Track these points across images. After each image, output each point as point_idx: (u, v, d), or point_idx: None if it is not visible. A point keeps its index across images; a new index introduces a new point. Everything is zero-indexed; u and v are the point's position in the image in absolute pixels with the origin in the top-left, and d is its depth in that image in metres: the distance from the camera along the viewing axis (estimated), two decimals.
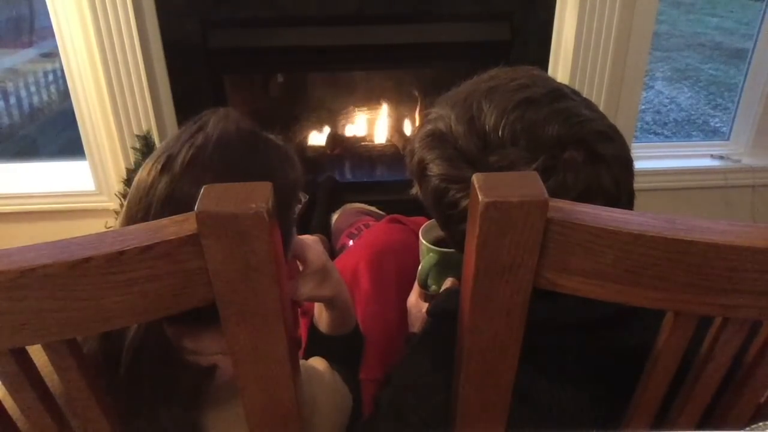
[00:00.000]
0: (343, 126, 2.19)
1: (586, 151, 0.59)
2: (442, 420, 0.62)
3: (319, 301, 0.83)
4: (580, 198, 0.58)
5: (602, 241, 0.45)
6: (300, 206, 0.73)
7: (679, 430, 0.58)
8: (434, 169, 0.64)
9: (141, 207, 0.61)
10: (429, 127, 0.67)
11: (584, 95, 0.66)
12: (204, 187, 0.45)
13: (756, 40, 1.93)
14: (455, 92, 0.68)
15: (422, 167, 0.66)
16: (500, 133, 0.60)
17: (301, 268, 0.79)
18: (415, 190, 0.72)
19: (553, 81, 0.66)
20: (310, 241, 0.79)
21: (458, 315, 0.55)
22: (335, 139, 2.17)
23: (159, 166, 0.62)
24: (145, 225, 0.46)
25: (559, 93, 0.63)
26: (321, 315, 0.85)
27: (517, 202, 0.44)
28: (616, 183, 0.60)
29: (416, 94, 2.12)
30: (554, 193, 0.49)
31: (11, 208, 1.88)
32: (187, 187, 0.60)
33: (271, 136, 0.71)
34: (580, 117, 0.61)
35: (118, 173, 1.78)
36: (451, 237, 0.67)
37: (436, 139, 0.65)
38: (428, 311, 0.78)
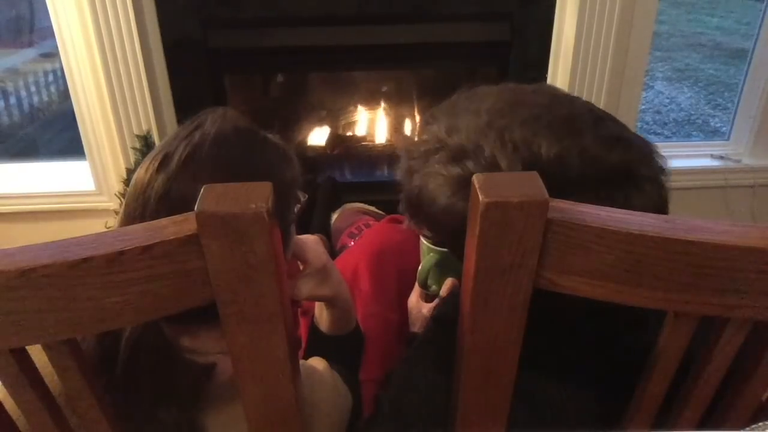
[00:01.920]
0: (343, 126, 2.19)
1: (639, 176, 0.57)
2: (442, 420, 0.62)
3: (319, 300, 0.83)
4: None
5: (602, 241, 0.45)
6: (299, 206, 0.73)
7: (679, 430, 0.58)
8: None
9: (138, 205, 0.61)
10: (457, 170, 0.57)
11: (584, 95, 0.65)
12: (204, 187, 0.45)
13: (756, 40, 1.93)
14: (470, 121, 0.59)
15: (464, 219, 0.52)
16: (562, 171, 0.54)
17: (301, 267, 0.79)
18: (410, 225, 0.66)
19: (576, 99, 0.62)
20: (311, 240, 0.79)
21: (458, 316, 0.55)
22: (335, 139, 2.17)
23: (156, 164, 0.62)
24: (145, 225, 0.46)
25: (595, 114, 0.59)
26: (322, 315, 0.86)
27: (517, 202, 0.44)
28: (661, 192, 0.59)
29: (416, 94, 2.12)
30: None
31: (11, 208, 1.88)
32: (183, 185, 0.60)
33: (270, 135, 0.71)
34: (626, 140, 0.58)
35: (118, 173, 1.78)
36: None
37: None
38: (432, 317, 0.78)
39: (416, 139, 0.65)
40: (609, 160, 0.56)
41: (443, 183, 0.58)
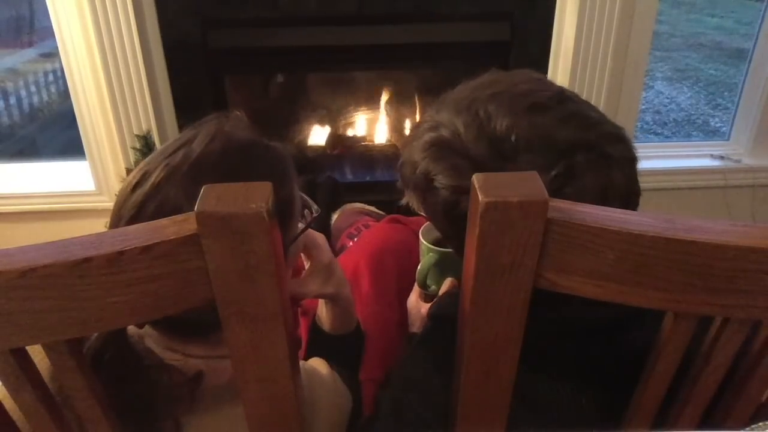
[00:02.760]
0: (343, 126, 2.19)
1: (600, 154, 0.58)
2: (442, 420, 0.62)
3: (324, 298, 0.83)
4: (599, 200, 0.57)
5: (602, 241, 0.45)
6: (313, 218, 0.72)
7: (679, 430, 0.58)
8: (443, 180, 0.62)
9: (115, 220, 0.60)
10: (430, 135, 0.64)
11: (584, 95, 0.66)
12: (204, 187, 0.45)
13: (756, 40, 1.93)
14: (452, 99, 0.65)
15: (428, 179, 0.63)
16: (513, 138, 0.58)
17: (306, 264, 0.79)
18: (407, 200, 0.70)
19: (553, 84, 0.66)
20: (320, 237, 0.79)
21: (458, 315, 0.55)
22: (335, 139, 2.17)
23: (134, 182, 0.60)
24: (145, 225, 0.46)
25: (564, 96, 0.63)
26: (323, 313, 0.86)
27: (517, 202, 0.44)
28: (628, 182, 0.60)
29: (416, 94, 2.12)
30: (573, 198, 0.50)
31: (11, 208, 1.88)
32: (151, 210, 0.58)
33: (272, 145, 0.67)
34: (591, 120, 0.61)
35: (118, 173, 1.78)
36: (460, 248, 0.66)
37: (442, 148, 0.62)
38: (429, 315, 0.78)
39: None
40: (561, 135, 0.58)
41: (419, 145, 0.65)
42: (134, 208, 0.59)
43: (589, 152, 0.58)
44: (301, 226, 0.70)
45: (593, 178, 0.58)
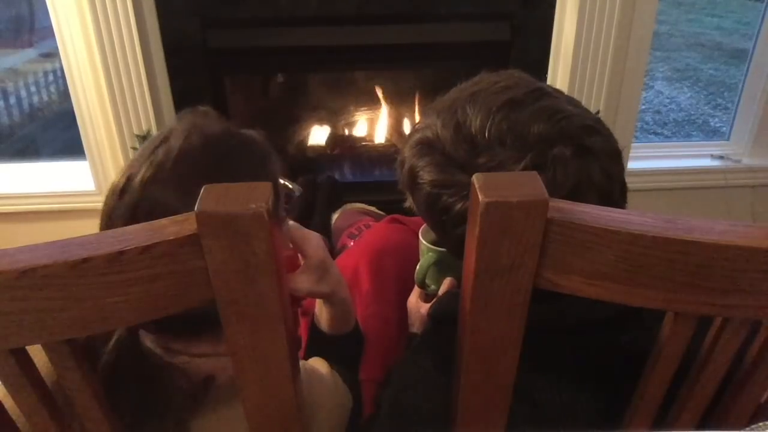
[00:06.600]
0: (343, 126, 2.19)
1: (574, 146, 0.59)
2: (442, 420, 0.62)
3: (318, 297, 0.83)
4: (572, 193, 0.58)
5: (602, 241, 0.45)
6: (295, 198, 0.72)
7: (679, 430, 0.58)
8: (425, 176, 0.65)
9: (104, 226, 0.61)
10: (417, 136, 0.68)
11: (584, 95, 0.66)
12: (204, 187, 0.45)
13: (756, 40, 1.93)
14: (441, 101, 0.69)
15: (413, 176, 0.67)
16: (486, 134, 0.61)
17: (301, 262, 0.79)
18: (408, 203, 0.72)
19: (535, 81, 0.67)
20: (313, 235, 0.78)
21: (458, 315, 0.55)
22: (335, 139, 2.17)
23: (119, 189, 0.61)
24: (145, 225, 0.46)
25: (542, 92, 0.64)
26: (321, 313, 0.85)
27: (517, 202, 0.44)
28: (607, 175, 0.60)
29: (416, 94, 2.12)
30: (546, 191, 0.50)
31: (11, 208, 1.88)
32: (146, 209, 0.58)
33: (248, 133, 0.69)
34: (564, 113, 0.62)
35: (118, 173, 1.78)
36: (447, 241, 0.68)
37: (425, 147, 0.66)
38: (430, 315, 0.78)
39: None
40: (533, 129, 0.60)
41: (408, 145, 0.69)
42: (128, 211, 0.59)
43: (564, 145, 0.59)
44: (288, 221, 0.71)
45: (565, 170, 0.59)
